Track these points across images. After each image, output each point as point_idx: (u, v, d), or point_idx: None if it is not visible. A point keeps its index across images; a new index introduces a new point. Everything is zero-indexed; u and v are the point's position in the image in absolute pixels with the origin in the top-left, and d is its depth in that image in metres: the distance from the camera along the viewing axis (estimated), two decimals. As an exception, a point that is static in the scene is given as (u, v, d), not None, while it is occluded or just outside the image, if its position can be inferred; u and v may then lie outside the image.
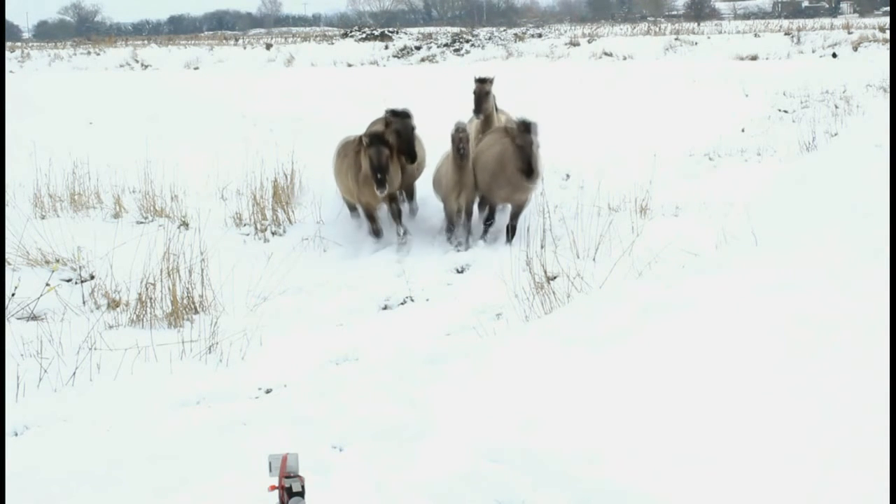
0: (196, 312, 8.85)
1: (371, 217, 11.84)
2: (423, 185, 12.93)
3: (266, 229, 12.23)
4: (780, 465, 4.39)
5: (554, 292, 8.32)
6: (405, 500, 4.56)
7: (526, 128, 10.96)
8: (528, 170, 10.83)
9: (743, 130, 18.84)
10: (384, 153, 11.02)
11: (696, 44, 46.48)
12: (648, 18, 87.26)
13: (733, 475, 4.37)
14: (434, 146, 11.95)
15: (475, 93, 12.80)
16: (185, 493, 4.77)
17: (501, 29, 61.77)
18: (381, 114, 12.07)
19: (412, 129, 11.60)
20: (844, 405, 4.88)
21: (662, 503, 4.23)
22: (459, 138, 11.28)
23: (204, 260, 9.25)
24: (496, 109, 13.18)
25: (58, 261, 10.02)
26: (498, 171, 11.26)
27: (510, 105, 13.85)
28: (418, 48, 50.94)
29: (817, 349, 5.58)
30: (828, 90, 24.35)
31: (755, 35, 49.19)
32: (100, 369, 7.40)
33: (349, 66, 45.02)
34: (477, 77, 12.96)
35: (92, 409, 6.62)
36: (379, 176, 10.97)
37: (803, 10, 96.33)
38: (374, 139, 11.04)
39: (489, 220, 11.92)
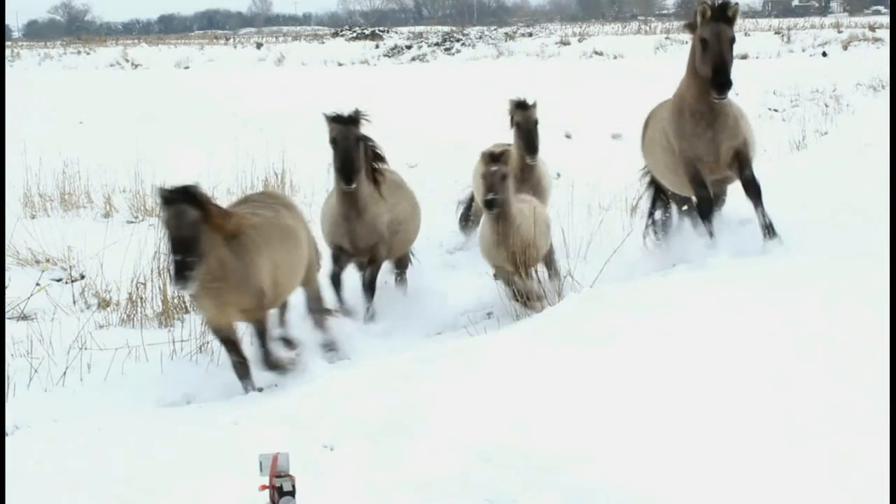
0: (187, 312, 8.83)
1: (226, 344, 7.29)
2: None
3: (257, 229, 12.20)
4: (773, 463, 4.40)
5: (545, 291, 8.33)
6: (396, 499, 4.56)
7: (720, 9, 8.04)
8: (722, 76, 7.83)
9: (733, 129, 18.84)
10: (189, 218, 6.64)
11: (686, 42, 46.46)
12: (639, 17, 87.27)
13: (724, 474, 4.37)
14: (427, 149, 11.59)
15: (520, 124, 10.46)
16: (175, 492, 4.77)
17: (492, 28, 61.76)
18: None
19: (354, 139, 8.60)
20: (841, 404, 4.89)
21: (654, 502, 4.24)
22: (491, 178, 8.29)
23: (195, 259, 9.23)
24: None
25: (48, 260, 10.01)
26: (685, 120, 8.30)
27: (502, 103, 13.81)
28: (409, 47, 50.92)
29: (811, 348, 5.59)
30: (818, 89, 24.42)
31: (745, 34, 49.22)
32: (90, 369, 7.39)
33: (339, 65, 44.96)
34: (516, 100, 10.56)
35: (82, 409, 6.62)
36: (178, 258, 6.58)
37: (793, 9, 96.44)
38: (176, 193, 6.70)
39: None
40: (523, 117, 10.39)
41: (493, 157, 8.43)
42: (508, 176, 8.42)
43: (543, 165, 10.94)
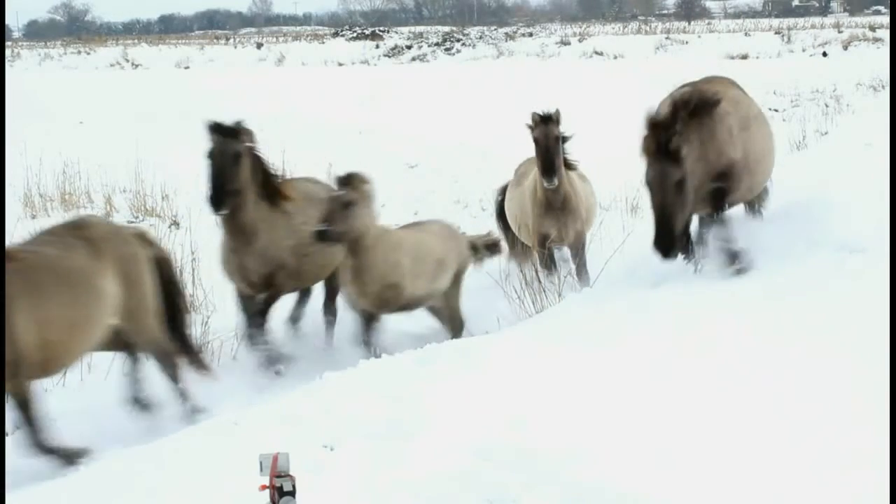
0: (186, 312, 8.80)
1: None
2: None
3: (257, 229, 12.20)
4: (773, 463, 4.40)
5: (545, 291, 8.32)
6: (397, 500, 4.56)
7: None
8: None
9: (733, 129, 18.85)
10: None
11: (686, 43, 46.58)
12: (639, 17, 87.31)
13: (724, 473, 4.37)
14: (427, 149, 11.56)
15: (538, 140, 8.95)
16: (175, 492, 4.76)
17: (492, 28, 61.77)
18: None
19: (232, 155, 7.47)
20: (841, 404, 4.88)
21: (654, 502, 4.23)
22: (330, 205, 7.16)
23: (195, 259, 9.25)
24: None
25: (48, 260, 9.98)
26: None
27: (502, 103, 13.78)
28: (409, 47, 50.94)
29: (811, 347, 5.59)
30: (818, 89, 24.44)
31: (746, 34, 49.32)
32: (90, 369, 7.38)
33: (340, 65, 44.98)
34: (538, 114, 9.07)
35: (82, 409, 6.61)
36: None
37: (794, 9, 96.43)
38: None
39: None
40: (542, 132, 8.91)
41: (342, 181, 7.24)
42: (355, 204, 7.17)
43: (578, 185, 9.61)
